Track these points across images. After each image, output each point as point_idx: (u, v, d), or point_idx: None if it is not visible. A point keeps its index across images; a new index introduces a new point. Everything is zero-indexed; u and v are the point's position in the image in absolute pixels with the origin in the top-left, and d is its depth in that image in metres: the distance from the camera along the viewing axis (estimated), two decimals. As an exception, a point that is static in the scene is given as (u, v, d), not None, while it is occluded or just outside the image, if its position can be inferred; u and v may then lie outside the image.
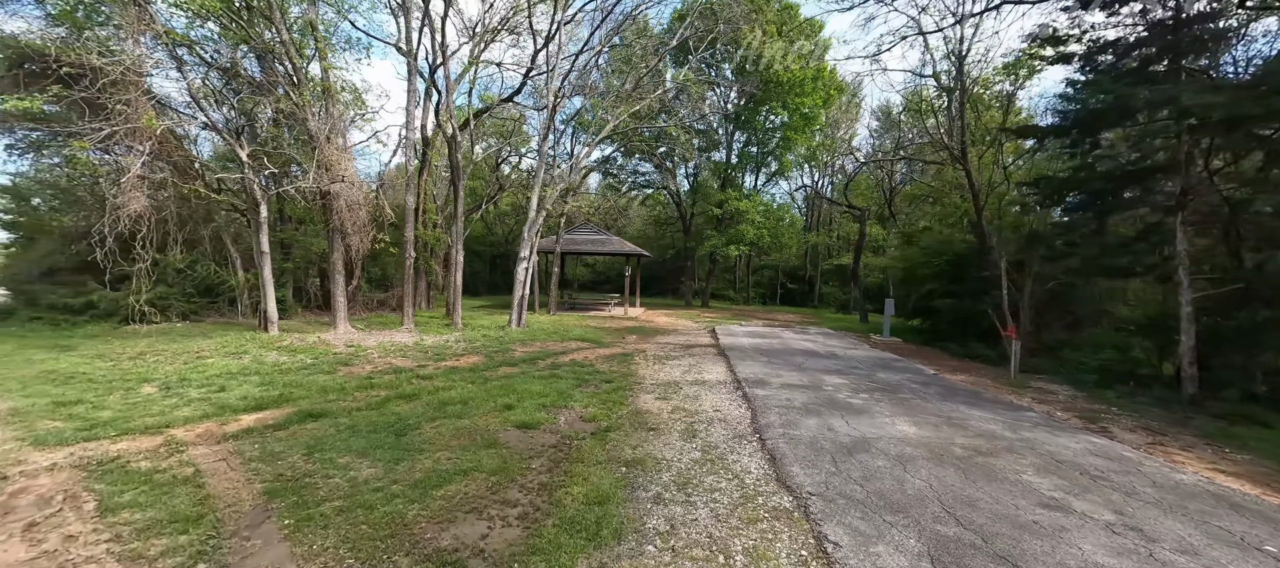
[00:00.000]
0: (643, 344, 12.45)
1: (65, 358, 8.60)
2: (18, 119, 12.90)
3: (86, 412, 5.67)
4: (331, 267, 11.35)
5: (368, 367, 8.46)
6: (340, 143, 10.59)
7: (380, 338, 11.12)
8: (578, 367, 9.09)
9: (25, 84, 9.31)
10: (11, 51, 9.89)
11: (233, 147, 9.56)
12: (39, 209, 13.92)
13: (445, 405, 6.31)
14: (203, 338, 10.66)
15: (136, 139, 8.47)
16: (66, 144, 13.68)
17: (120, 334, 11.30)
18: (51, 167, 14.11)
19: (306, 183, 9.75)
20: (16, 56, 9.90)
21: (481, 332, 12.68)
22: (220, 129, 9.55)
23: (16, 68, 9.77)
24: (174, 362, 8.46)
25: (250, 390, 6.70)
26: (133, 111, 8.15)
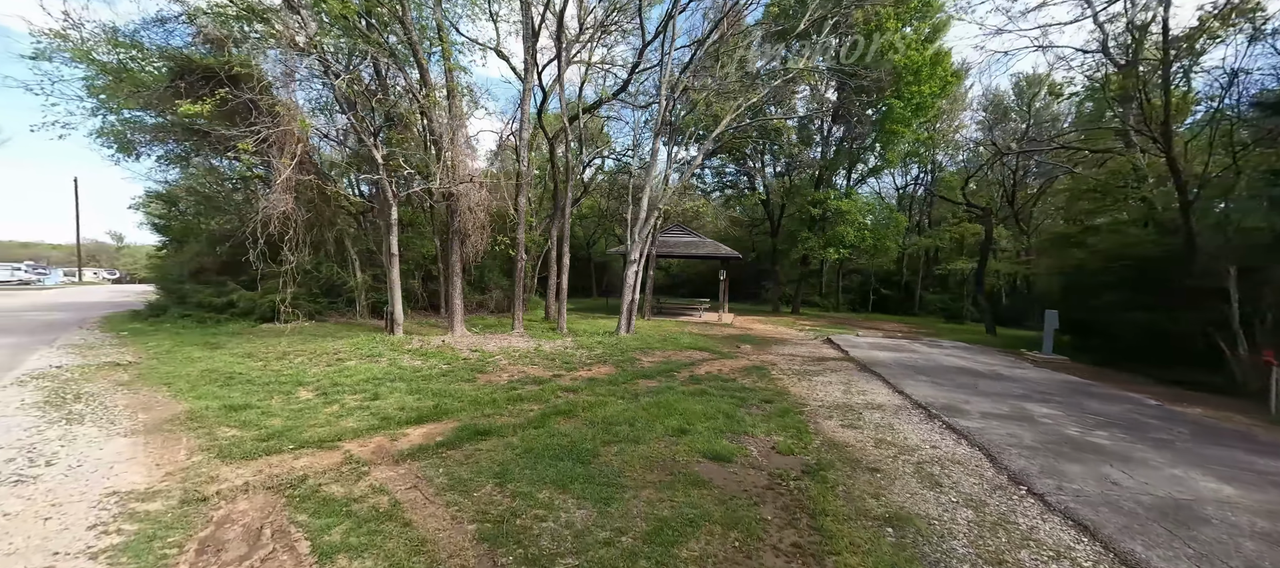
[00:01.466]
0: (765, 355, 11.38)
1: (218, 356, 8.83)
2: (174, 131, 14.00)
3: (257, 419, 5.46)
4: (450, 269, 11.21)
5: (504, 375, 8.02)
6: (463, 143, 10.37)
7: (499, 343, 10.80)
8: (720, 382, 8.19)
9: (185, 93, 9.85)
10: (174, 64, 10.52)
11: (370, 148, 9.57)
12: (186, 214, 15.06)
13: (610, 426, 5.61)
14: (334, 338, 10.80)
15: (285, 142, 8.57)
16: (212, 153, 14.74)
17: (259, 333, 11.76)
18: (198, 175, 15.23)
19: (435, 184, 9.55)
20: (178, 69, 10.55)
21: (593, 338, 12.13)
22: (360, 130, 9.58)
23: (178, 79, 10.39)
24: (317, 363, 8.44)
25: (404, 399, 6.35)
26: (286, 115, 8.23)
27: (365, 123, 9.60)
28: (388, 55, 9.94)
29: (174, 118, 13.27)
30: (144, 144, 16.48)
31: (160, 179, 19.31)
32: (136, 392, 6.51)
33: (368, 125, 9.65)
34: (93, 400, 5.99)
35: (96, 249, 57.29)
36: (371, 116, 9.73)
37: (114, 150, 16.39)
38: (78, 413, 5.48)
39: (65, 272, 47.76)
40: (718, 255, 19.91)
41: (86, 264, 50.92)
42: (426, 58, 10.27)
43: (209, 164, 16.51)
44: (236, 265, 13.73)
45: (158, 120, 15.48)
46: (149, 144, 16.42)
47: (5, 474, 3.95)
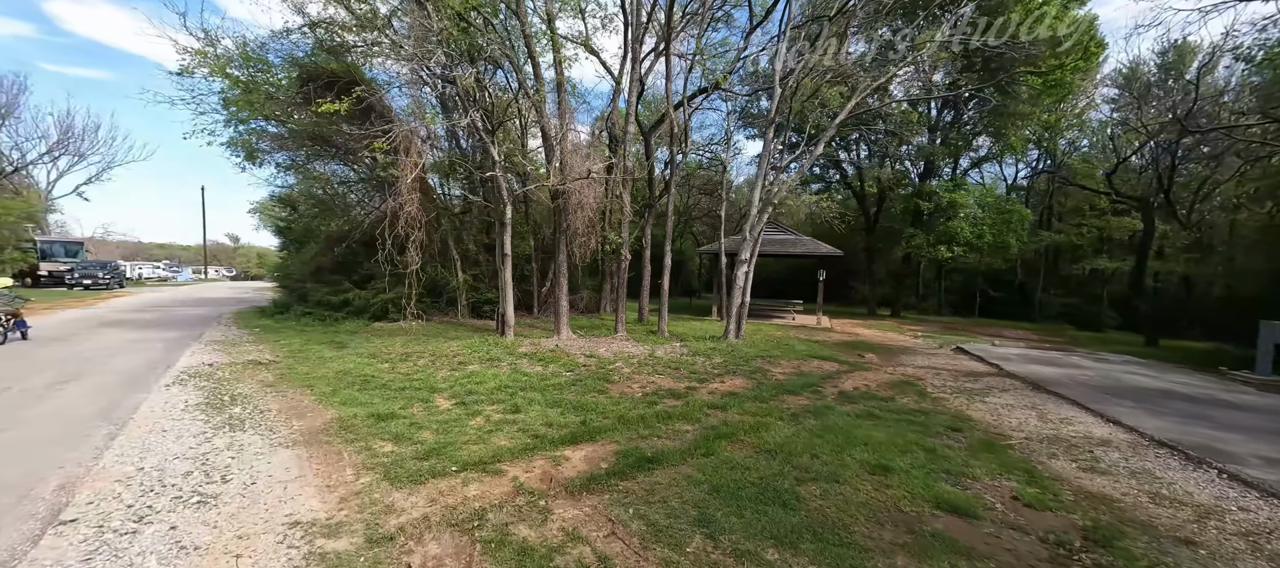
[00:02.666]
0: (901, 368, 10.07)
1: (346, 357, 8.88)
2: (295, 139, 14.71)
3: (407, 431, 5.11)
4: (556, 270, 10.82)
5: (634, 386, 7.39)
6: (574, 141, 9.90)
7: (609, 347, 10.26)
8: (879, 402, 7.11)
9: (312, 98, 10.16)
10: (302, 70, 10.90)
11: (488, 146, 9.34)
12: (304, 217, 15.93)
13: (790, 458, 4.78)
14: (446, 338, 10.74)
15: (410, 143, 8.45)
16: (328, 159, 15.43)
17: (374, 331, 12.01)
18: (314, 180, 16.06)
19: (549, 181, 9.13)
20: (305, 76, 10.93)
21: (702, 344, 11.33)
22: (479, 128, 9.39)
23: (306, 85, 10.75)
24: (439, 366, 8.25)
25: (546, 413, 5.85)
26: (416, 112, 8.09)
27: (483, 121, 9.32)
28: (501, 51, 9.64)
29: (293, 126, 14.00)
30: (266, 152, 17.72)
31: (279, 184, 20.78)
32: (283, 393, 6.47)
33: (485, 124, 9.39)
34: (247, 403, 5.95)
35: (216, 249, 63.92)
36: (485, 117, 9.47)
37: (242, 158, 17.74)
38: (238, 418, 5.40)
39: (194, 269, 53.76)
40: (815, 254, 18.48)
41: (209, 263, 57.07)
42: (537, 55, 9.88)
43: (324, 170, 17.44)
44: (349, 265, 14.27)
45: (278, 130, 16.56)
46: (271, 152, 17.62)
47: (186, 490, 3.72)
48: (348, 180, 14.59)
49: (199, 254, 57.38)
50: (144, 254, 58.12)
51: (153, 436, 4.76)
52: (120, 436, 4.74)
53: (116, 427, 4.97)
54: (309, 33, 13.18)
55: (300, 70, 10.89)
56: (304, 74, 10.88)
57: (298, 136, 12.21)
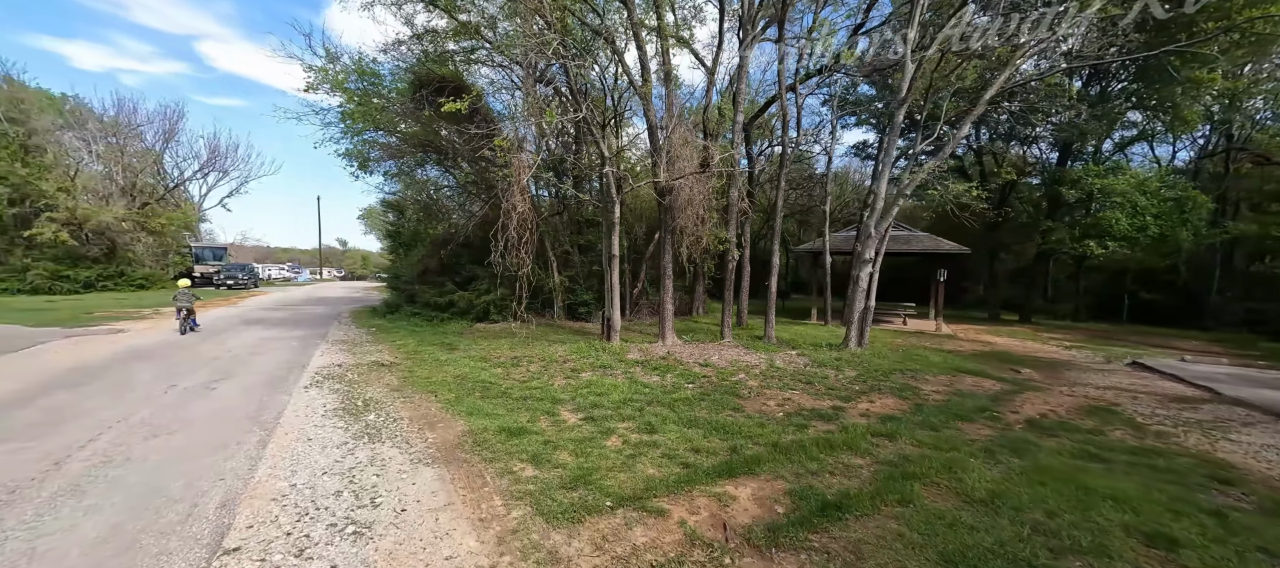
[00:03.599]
0: (1074, 386, 8.38)
1: (459, 360, 8.82)
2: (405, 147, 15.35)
3: (543, 451, 4.65)
4: (661, 270, 10.21)
5: (770, 403, 6.55)
6: (682, 134, 9.23)
7: (722, 355, 9.48)
8: (1084, 435, 5.74)
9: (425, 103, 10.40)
10: (416, 76, 11.19)
11: (598, 143, 8.95)
12: (411, 222, 16.69)
13: (1017, 512, 3.73)
14: (550, 342, 10.52)
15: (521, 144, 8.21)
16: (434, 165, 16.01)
17: (477, 333, 12.12)
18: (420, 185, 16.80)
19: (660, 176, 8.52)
20: (418, 82, 11.23)
21: (822, 353, 10.22)
22: (592, 123, 9.03)
23: (419, 90, 11.03)
24: (552, 373, 7.91)
25: (685, 433, 5.19)
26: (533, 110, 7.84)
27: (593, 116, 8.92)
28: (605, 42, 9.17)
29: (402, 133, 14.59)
30: (376, 160, 18.86)
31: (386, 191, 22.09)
32: (409, 399, 6.35)
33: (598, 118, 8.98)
34: (379, 409, 5.84)
35: (328, 252, 70.72)
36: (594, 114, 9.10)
37: (355, 167, 19.02)
38: (373, 427, 5.24)
39: (311, 270, 59.86)
40: (935, 252, 16.49)
41: (323, 265, 63.35)
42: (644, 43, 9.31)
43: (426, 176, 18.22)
44: (452, 267, 14.65)
45: (387, 139, 17.53)
46: (380, 160, 18.72)
47: (339, 515, 3.44)
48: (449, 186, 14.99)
49: (314, 256, 64.08)
50: (271, 257, 65.65)
51: (299, 444, 4.66)
52: (271, 442, 4.68)
53: (266, 432, 4.96)
54: (417, 43, 13.70)
55: (414, 76, 11.19)
56: (417, 79, 11.16)
57: (409, 142, 12.62)
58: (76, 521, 3.23)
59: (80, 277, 24.56)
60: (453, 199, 15.86)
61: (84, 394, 6.13)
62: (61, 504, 3.41)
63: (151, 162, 33.39)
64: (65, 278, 24.02)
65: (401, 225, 16.60)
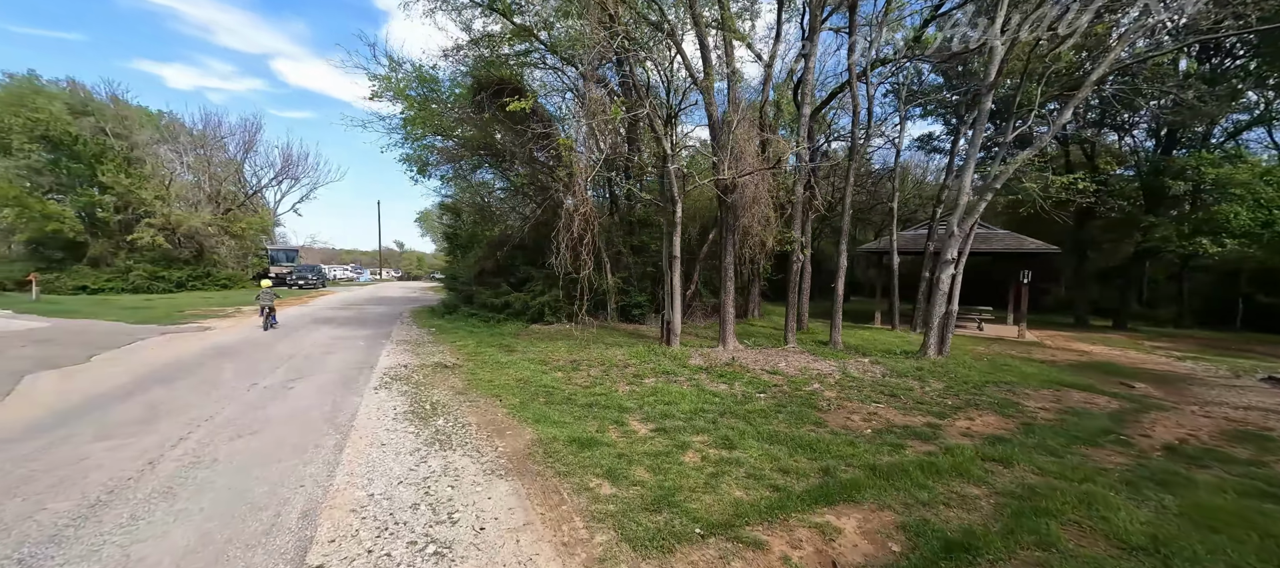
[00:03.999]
0: (1204, 405, 7.28)
1: (519, 363, 8.74)
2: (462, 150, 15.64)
3: (618, 465, 4.36)
4: (722, 272, 9.77)
5: (856, 418, 6.01)
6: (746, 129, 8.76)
7: (790, 361, 8.95)
8: (1244, 467, 4.88)
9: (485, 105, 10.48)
10: (476, 79, 11.30)
11: (660, 140, 8.65)
12: (468, 224, 17.04)
13: (1193, 565, 3.08)
14: (607, 345, 10.32)
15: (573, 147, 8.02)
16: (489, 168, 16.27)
17: (533, 334, 12.11)
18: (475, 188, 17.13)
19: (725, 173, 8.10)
20: (478, 85, 11.34)
21: (896, 360, 9.48)
22: (654, 117, 8.76)
23: (479, 94, 11.14)
24: (615, 379, 7.66)
25: (772, 452, 4.76)
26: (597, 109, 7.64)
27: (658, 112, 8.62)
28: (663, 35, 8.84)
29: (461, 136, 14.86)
30: (434, 164, 19.44)
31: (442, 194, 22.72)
32: (475, 404, 6.25)
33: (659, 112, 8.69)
34: (447, 414, 5.76)
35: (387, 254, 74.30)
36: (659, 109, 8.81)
37: (415, 171, 19.67)
38: (444, 433, 5.14)
39: (371, 271, 63.07)
40: (1019, 251, 15.13)
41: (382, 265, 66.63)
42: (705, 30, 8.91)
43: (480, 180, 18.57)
44: (507, 269, 14.78)
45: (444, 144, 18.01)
46: (438, 164, 19.28)
47: (418, 531, 3.27)
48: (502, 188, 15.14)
49: (374, 258, 67.62)
50: (335, 258, 69.60)
51: (373, 450, 4.60)
52: (346, 447, 4.65)
53: (341, 436, 4.95)
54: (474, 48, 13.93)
55: (475, 79, 11.31)
56: (477, 82, 11.27)
57: (466, 145, 12.80)
58: (167, 527, 3.22)
59: (173, 277, 26.81)
60: (506, 202, 16.04)
61: (176, 390, 6.41)
62: (154, 508, 3.43)
63: (233, 171, 36.07)
64: (161, 278, 26.28)
65: (458, 228, 16.96)
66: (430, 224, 64.76)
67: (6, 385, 6.54)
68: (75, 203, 26.29)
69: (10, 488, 3.65)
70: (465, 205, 17.13)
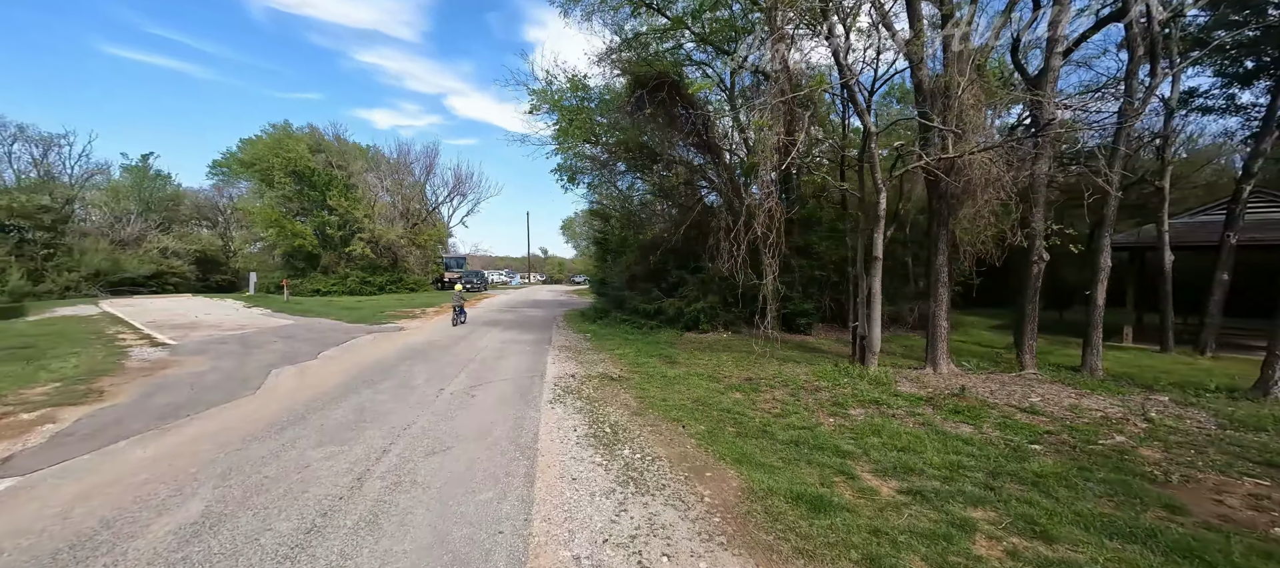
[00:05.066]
0: None
1: (690, 379, 7.88)
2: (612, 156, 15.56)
3: (873, 546, 3.13)
4: (934, 275, 7.82)
5: (1229, 500, 3.92)
6: (975, 94, 6.77)
7: (1050, 397, 6.73)
8: None
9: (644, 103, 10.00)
10: (634, 78, 10.90)
11: (862, 116, 7.17)
12: (616, 228, 17.02)
13: None
14: (784, 361, 9.02)
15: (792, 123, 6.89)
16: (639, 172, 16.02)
17: (689, 344, 11.28)
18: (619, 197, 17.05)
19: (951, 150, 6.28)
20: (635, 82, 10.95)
21: (1212, 401, 6.62)
22: (856, 91, 7.35)
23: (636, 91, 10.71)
24: (808, 405, 6.36)
25: (1132, 557, 3.09)
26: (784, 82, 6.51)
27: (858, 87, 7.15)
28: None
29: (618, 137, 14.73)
30: (583, 171, 19.93)
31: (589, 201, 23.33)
32: (656, 427, 5.49)
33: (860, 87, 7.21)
34: (631, 442, 5.04)
35: (532, 260, 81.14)
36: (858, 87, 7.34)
37: (565, 180, 20.40)
38: (634, 468, 4.39)
39: (521, 276, 69.28)
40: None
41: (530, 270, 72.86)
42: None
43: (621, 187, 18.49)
44: (658, 273, 14.24)
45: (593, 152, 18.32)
46: (587, 171, 19.73)
47: (644, 629, 2.42)
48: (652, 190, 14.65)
49: (522, 263, 74.43)
50: (490, 265, 77.96)
51: (565, 486, 4.01)
52: (537, 479, 4.14)
53: (528, 461, 4.48)
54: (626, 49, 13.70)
55: (632, 76, 10.90)
56: (634, 79, 10.86)
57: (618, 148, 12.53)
58: (374, 572, 2.85)
59: (376, 281, 31.98)
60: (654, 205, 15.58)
61: (379, 394, 6.74)
62: (361, 544, 3.13)
63: (418, 191, 42.11)
64: (368, 282, 31.51)
65: (607, 233, 17.00)
66: (573, 231, 69.23)
67: (259, 378, 7.56)
68: (312, 223, 32.69)
69: (246, 497, 3.70)
70: (614, 211, 17.14)
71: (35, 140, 32.13)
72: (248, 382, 7.35)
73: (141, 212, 34.84)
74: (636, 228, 15.71)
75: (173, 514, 3.43)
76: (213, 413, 5.85)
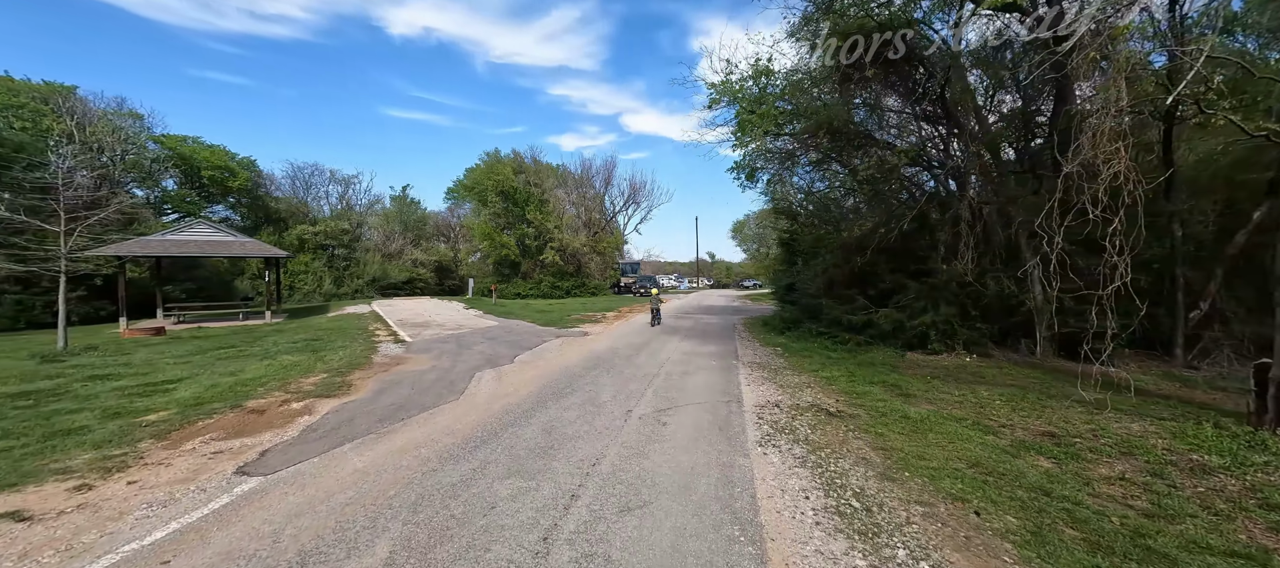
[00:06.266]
0: None
1: (943, 424, 5.72)
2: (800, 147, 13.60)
3: None
4: None
5: None
6: None
7: None
8: None
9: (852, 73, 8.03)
10: (841, 42, 8.95)
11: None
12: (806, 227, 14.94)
13: None
14: (1098, 410, 6.14)
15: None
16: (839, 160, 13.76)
17: (918, 368, 8.77)
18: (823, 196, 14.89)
19: None
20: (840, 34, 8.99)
21: None
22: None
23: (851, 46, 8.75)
24: (1204, 498, 3.79)
25: None
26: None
27: None
28: None
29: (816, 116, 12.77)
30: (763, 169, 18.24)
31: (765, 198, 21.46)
32: (928, 507, 3.69)
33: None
34: (899, 532, 3.38)
35: (700, 264, 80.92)
36: None
37: (742, 179, 18.93)
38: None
39: (689, 280, 69.54)
40: None
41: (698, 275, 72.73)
42: None
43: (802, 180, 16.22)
44: (865, 278, 11.80)
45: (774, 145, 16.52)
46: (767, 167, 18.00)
47: None
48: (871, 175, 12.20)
49: (690, 268, 74.86)
50: (660, 270, 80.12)
51: (823, 610, 2.59)
52: (773, 585, 2.81)
53: (754, 546, 3.19)
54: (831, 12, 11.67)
55: (837, 37, 8.92)
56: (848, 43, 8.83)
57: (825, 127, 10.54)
58: None
59: (563, 286, 34.92)
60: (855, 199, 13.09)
61: (566, 411, 6.25)
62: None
63: (598, 202, 45.15)
64: (557, 287, 34.60)
65: (796, 232, 14.99)
66: (745, 234, 67.17)
67: (464, 382, 7.84)
68: (514, 235, 37.25)
69: (429, 546, 3.16)
70: (802, 208, 15.08)
71: (339, 180, 43.19)
72: (454, 385, 7.64)
73: (401, 231, 44.18)
74: (833, 225, 13.43)
75: (360, 559, 3.03)
76: (422, 418, 5.95)
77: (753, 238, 64.39)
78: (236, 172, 34.16)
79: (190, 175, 32.47)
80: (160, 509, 3.66)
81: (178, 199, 32.05)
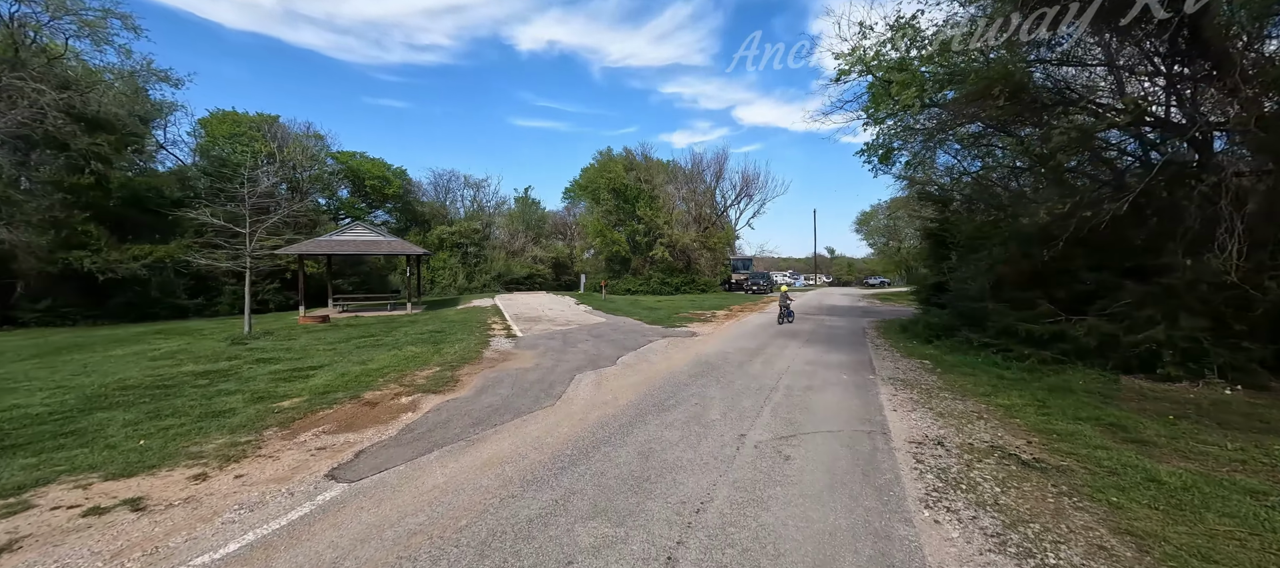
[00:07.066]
0: None
1: (1228, 497, 3.81)
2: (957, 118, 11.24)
3: None
4: None
5: None
6: None
7: None
8: None
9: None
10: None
11: None
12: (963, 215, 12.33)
13: None
14: None
15: None
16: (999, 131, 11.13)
17: (1147, 400, 6.41)
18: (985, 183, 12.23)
19: None
20: None
21: None
22: None
23: None
24: None
25: None
26: None
27: None
28: None
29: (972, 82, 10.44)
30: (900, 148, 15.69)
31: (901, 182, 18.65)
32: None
33: None
34: None
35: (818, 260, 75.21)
36: None
37: (875, 162, 16.51)
38: None
39: (806, 277, 64.87)
40: None
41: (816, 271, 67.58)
42: None
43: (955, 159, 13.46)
44: (1050, 277, 9.23)
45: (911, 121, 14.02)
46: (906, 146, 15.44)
47: None
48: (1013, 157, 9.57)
49: (807, 264, 69.81)
50: (774, 266, 75.99)
51: None
52: None
53: None
54: None
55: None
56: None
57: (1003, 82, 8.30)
58: None
59: (672, 282, 34.35)
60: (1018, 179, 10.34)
61: (668, 428, 5.42)
62: None
63: (708, 196, 43.84)
64: (666, 283, 34.14)
65: (948, 221, 12.44)
66: (873, 227, 60.83)
67: (563, 386, 7.42)
68: (625, 231, 37.59)
69: (487, 615, 2.51)
70: (955, 191, 12.48)
71: (471, 184, 47.46)
72: (552, 388, 7.24)
73: (524, 229, 47.28)
74: (1001, 211, 10.81)
75: (407, 618, 2.48)
76: (514, 426, 5.55)
77: (881, 230, 57.95)
78: (391, 180, 39.19)
79: (357, 185, 37.96)
80: (246, 514, 3.55)
81: (349, 206, 37.69)
